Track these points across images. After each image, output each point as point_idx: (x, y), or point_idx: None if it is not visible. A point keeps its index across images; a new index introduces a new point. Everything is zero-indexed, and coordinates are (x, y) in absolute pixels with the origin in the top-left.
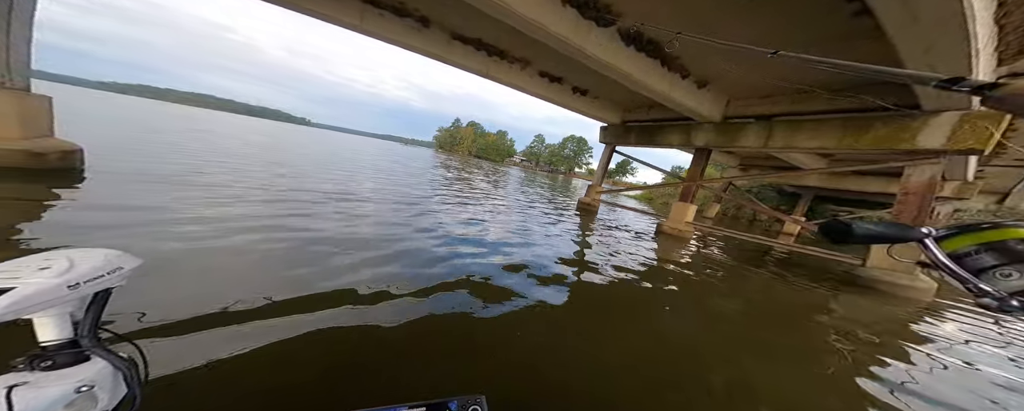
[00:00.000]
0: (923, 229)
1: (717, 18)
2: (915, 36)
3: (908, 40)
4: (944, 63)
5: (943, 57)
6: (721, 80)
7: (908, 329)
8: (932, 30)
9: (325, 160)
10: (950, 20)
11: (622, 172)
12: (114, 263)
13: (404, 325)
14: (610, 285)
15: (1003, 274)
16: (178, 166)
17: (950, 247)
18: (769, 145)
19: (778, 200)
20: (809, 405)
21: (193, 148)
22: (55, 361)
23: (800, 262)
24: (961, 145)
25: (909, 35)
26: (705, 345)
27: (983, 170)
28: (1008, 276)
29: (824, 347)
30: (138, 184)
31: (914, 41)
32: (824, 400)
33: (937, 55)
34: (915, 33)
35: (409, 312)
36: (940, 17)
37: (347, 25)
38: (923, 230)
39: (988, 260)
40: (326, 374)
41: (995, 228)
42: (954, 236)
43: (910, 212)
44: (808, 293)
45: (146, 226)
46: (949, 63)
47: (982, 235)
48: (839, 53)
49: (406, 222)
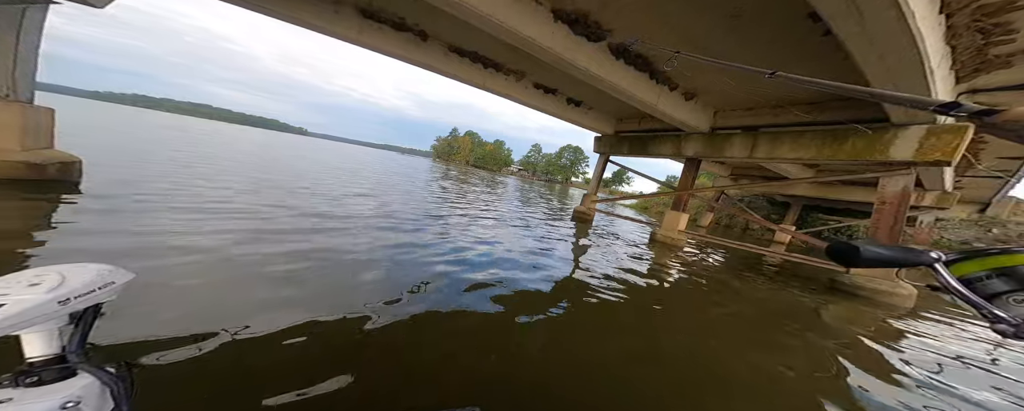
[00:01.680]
0: (932, 253)
1: (703, 34)
2: (875, 58)
3: (870, 63)
4: (905, 81)
5: (903, 76)
6: (708, 93)
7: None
8: (888, 52)
9: (338, 176)
10: (901, 41)
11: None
12: (106, 278)
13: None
14: (600, 291)
15: (1016, 300)
16: (215, 190)
17: (959, 272)
18: (754, 155)
19: (769, 209)
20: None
21: (207, 169)
22: (41, 377)
23: (792, 271)
24: (929, 157)
25: (870, 57)
26: (688, 352)
27: (961, 181)
28: (1022, 302)
29: (803, 349)
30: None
31: (876, 63)
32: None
33: (898, 74)
34: (874, 55)
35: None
36: (892, 39)
37: (345, 38)
38: (932, 255)
39: (1000, 286)
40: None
41: (1005, 253)
42: (963, 261)
43: (887, 221)
44: (792, 299)
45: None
46: (909, 81)
47: (992, 260)
48: (814, 70)
49: (425, 242)
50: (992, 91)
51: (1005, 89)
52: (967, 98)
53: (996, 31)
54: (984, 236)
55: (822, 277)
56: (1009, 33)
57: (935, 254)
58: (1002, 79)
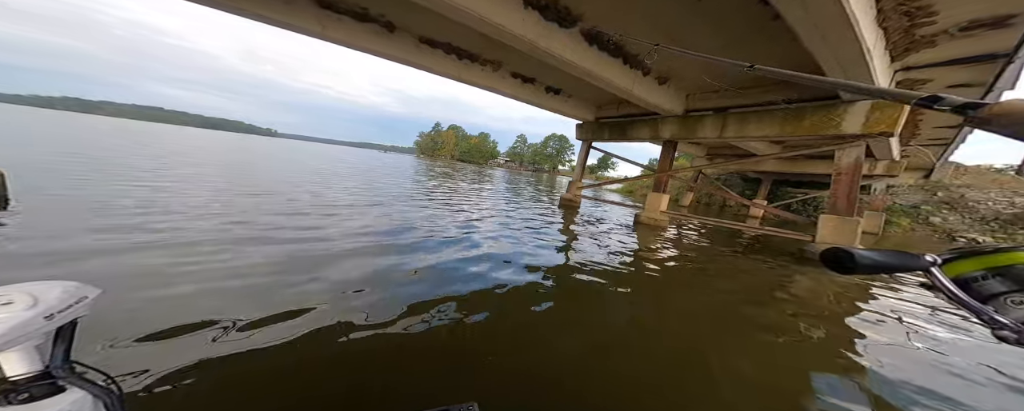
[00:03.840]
0: (928, 257)
1: (670, 20)
2: (819, 39)
3: (815, 43)
4: (849, 62)
5: (845, 55)
6: (680, 77)
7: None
8: (830, 33)
9: (321, 180)
10: (840, 23)
11: (604, 167)
12: (78, 293)
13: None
14: (588, 272)
15: (1015, 301)
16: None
17: (954, 272)
18: (724, 135)
19: (743, 186)
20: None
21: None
22: (32, 393)
23: (765, 243)
24: (874, 129)
25: (815, 38)
26: (674, 324)
27: (907, 150)
28: (1020, 304)
29: (777, 318)
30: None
31: (821, 43)
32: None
33: (841, 54)
34: (818, 36)
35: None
36: (832, 21)
37: (309, 32)
38: (928, 258)
39: (997, 286)
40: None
41: (1002, 252)
42: (959, 259)
43: (844, 189)
44: (766, 269)
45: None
46: (852, 62)
47: (988, 259)
48: (767, 49)
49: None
50: (922, 68)
51: (933, 66)
52: (903, 75)
53: (919, 14)
54: (930, 199)
55: (792, 248)
56: (930, 15)
57: (930, 257)
58: (929, 57)
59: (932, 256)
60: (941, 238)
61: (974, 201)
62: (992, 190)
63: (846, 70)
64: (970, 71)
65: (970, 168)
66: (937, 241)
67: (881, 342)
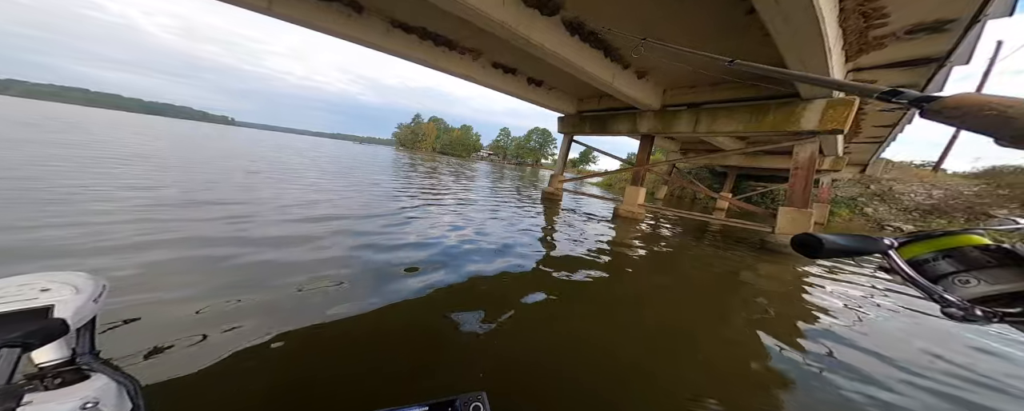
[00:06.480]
0: (886, 240)
1: (650, 13)
2: (790, 35)
3: (783, 36)
4: (812, 60)
5: (808, 52)
6: (657, 71)
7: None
8: (799, 30)
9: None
10: (808, 19)
11: (585, 161)
12: (100, 282)
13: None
14: (572, 264)
15: (961, 280)
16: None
17: (908, 255)
18: (697, 130)
19: (711, 179)
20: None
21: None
22: (64, 379)
23: (730, 234)
24: (828, 126)
25: (785, 34)
26: (653, 314)
27: (849, 147)
28: (966, 283)
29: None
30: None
31: (790, 36)
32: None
33: (805, 51)
34: (789, 32)
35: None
36: (801, 16)
37: (254, 7)
38: (886, 241)
39: (945, 267)
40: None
41: (949, 235)
42: (912, 243)
43: (800, 183)
44: (728, 258)
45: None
46: (815, 60)
47: (938, 242)
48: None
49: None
50: (869, 69)
51: (878, 67)
52: (853, 75)
53: (875, 15)
54: (865, 192)
55: (754, 238)
56: (883, 17)
57: (888, 241)
58: (876, 59)
59: (889, 240)
60: (872, 226)
61: (900, 193)
62: (914, 183)
63: (807, 67)
64: (908, 74)
65: (896, 164)
66: (870, 229)
67: (830, 320)
